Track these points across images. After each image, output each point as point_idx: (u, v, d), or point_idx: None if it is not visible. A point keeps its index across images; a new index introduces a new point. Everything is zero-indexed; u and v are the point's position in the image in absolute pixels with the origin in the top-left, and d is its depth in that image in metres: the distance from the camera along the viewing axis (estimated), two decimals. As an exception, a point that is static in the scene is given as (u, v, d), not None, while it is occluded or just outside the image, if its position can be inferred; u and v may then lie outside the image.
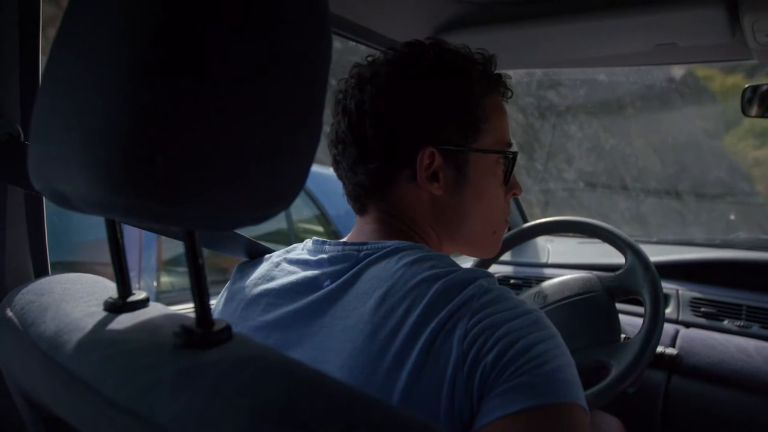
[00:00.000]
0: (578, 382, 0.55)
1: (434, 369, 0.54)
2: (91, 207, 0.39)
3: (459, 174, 0.72)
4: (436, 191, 0.71)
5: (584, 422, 0.52)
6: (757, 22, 0.92)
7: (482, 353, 0.54)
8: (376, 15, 1.11)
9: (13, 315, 0.53)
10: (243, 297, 0.72)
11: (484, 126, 0.73)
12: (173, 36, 0.34)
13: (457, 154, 0.71)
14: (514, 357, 0.53)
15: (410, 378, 0.55)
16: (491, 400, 0.52)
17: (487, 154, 0.74)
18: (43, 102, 0.42)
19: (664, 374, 1.26)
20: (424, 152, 0.69)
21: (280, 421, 0.33)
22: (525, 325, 0.55)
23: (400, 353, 0.56)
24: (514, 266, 1.72)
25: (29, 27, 0.72)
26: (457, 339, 0.55)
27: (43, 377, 0.48)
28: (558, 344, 0.56)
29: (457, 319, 0.56)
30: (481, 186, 0.74)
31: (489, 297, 0.57)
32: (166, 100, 0.34)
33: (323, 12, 0.39)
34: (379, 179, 0.72)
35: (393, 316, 0.58)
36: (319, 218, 2.79)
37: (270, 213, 0.40)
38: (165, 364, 0.39)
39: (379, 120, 0.70)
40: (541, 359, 0.53)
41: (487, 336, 0.54)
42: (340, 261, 0.67)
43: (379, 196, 0.73)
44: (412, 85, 0.70)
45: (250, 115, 0.36)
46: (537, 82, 3.20)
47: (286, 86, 0.37)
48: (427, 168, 0.70)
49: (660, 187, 3.80)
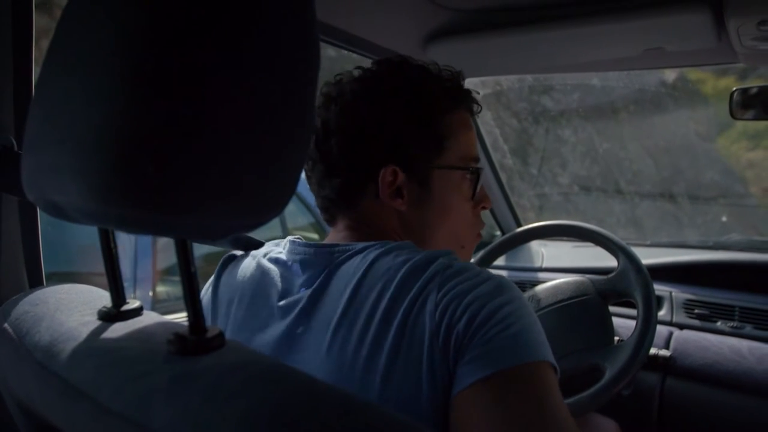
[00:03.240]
0: (544, 340, 0.57)
1: (411, 346, 0.57)
2: (84, 217, 0.40)
3: (423, 190, 0.73)
4: (400, 207, 0.73)
5: (551, 377, 0.55)
6: (741, 26, 0.93)
7: (454, 321, 0.56)
8: (365, 23, 1.12)
9: (8, 325, 0.54)
10: (228, 294, 0.74)
11: (447, 143, 0.74)
12: (164, 48, 0.34)
13: (421, 171, 0.73)
14: (482, 322, 0.56)
15: (389, 358, 0.57)
16: (464, 366, 0.55)
17: (452, 170, 0.75)
18: (36, 113, 0.42)
19: (659, 376, 1.26)
20: (386, 170, 0.71)
21: (270, 425, 0.33)
22: (489, 290, 0.58)
23: (376, 338, 0.58)
24: (508, 270, 1.72)
25: (22, 38, 0.73)
26: (429, 313, 0.57)
27: (38, 386, 0.48)
28: (521, 305, 0.59)
29: (426, 294, 0.58)
30: (446, 201, 0.75)
31: (453, 270, 0.60)
32: (158, 111, 0.34)
33: (312, 24, 0.40)
34: (345, 194, 0.74)
35: (366, 305, 0.60)
36: (314, 225, 2.79)
37: (262, 221, 0.40)
38: (159, 372, 0.40)
39: (343, 138, 0.72)
40: (506, 322, 0.56)
41: (456, 304, 0.57)
42: (314, 265, 0.69)
43: (346, 207, 0.75)
44: (374, 104, 0.72)
45: (241, 125, 0.36)
46: (530, 87, 3.22)
47: (277, 95, 0.37)
48: (390, 185, 0.72)
49: (654, 190, 3.80)
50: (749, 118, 1.23)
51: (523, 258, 1.77)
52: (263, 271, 0.73)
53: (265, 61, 0.37)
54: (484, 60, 1.31)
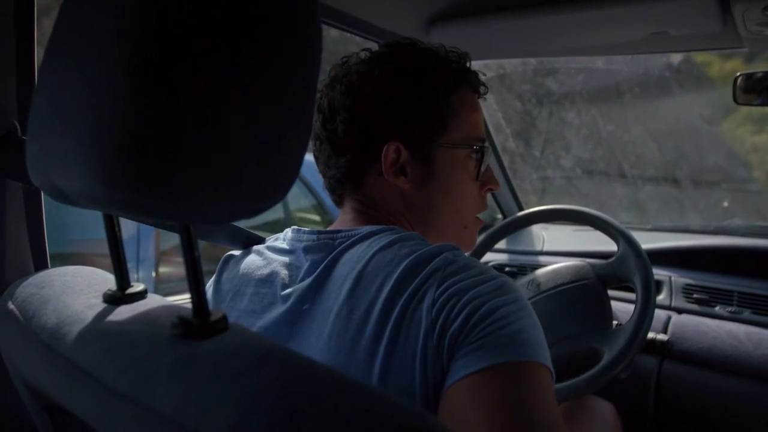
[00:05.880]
0: (542, 342, 0.56)
1: (407, 340, 0.57)
2: (88, 202, 0.40)
3: (426, 168, 0.74)
4: (403, 185, 0.73)
5: (546, 380, 0.54)
6: (747, 11, 0.92)
7: (450, 319, 0.56)
8: (370, 6, 1.12)
9: (15, 307, 0.55)
10: (230, 287, 0.74)
11: (452, 121, 0.74)
12: (166, 33, 0.35)
13: (424, 149, 0.73)
14: (479, 320, 0.55)
15: (387, 351, 0.57)
16: (457, 361, 0.54)
17: (456, 149, 0.75)
18: (39, 99, 0.42)
19: (656, 360, 1.27)
20: (389, 147, 0.71)
21: (273, 407, 0.34)
22: (491, 290, 0.57)
23: (376, 329, 0.58)
24: (510, 254, 1.73)
25: (24, 21, 0.72)
26: (426, 308, 0.57)
27: (45, 368, 0.49)
28: (522, 307, 0.57)
29: (425, 290, 0.58)
30: (449, 180, 0.75)
31: (455, 266, 0.60)
32: (161, 96, 0.34)
33: (314, 10, 0.40)
34: (350, 172, 0.74)
35: (367, 296, 0.60)
36: (315, 207, 2.80)
37: (264, 206, 0.41)
38: (163, 354, 0.41)
39: (348, 117, 0.72)
40: (505, 321, 0.55)
41: (454, 302, 0.56)
42: (316, 250, 0.69)
43: (351, 188, 0.75)
44: (378, 82, 0.72)
45: (244, 110, 0.37)
46: (534, 69, 3.19)
47: (279, 82, 0.38)
48: (393, 162, 0.72)
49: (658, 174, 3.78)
50: (753, 103, 1.22)
51: (524, 241, 1.77)
52: (267, 261, 0.73)
53: (267, 48, 0.37)
54: (488, 43, 1.30)
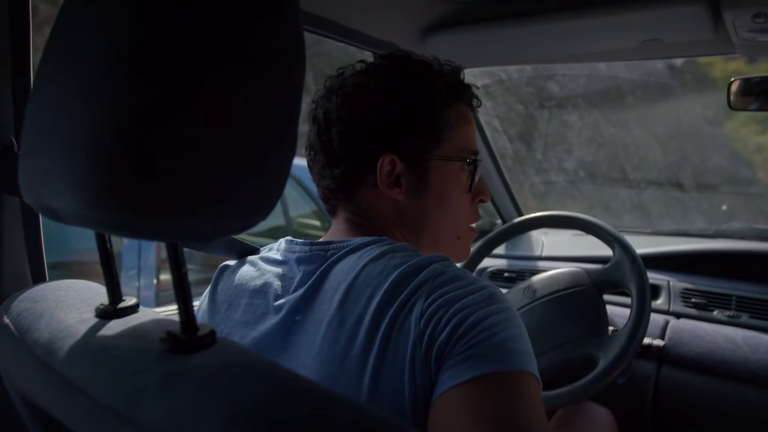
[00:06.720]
0: (530, 352, 0.57)
1: (396, 351, 0.57)
2: (78, 221, 0.41)
3: (420, 180, 0.75)
4: (398, 196, 0.74)
5: (534, 389, 0.54)
6: (738, 18, 0.93)
7: (438, 330, 0.56)
8: (364, 16, 1.12)
9: (10, 322, 0.56)
10: (225, 298, 0.75)
11: (447, 134, 0.75)
12: (154, 56, 0.35)
13: (419, 161, 0.74)
14: (466, 330, 0.55)
15: (377, 362, 0.57)
16: (445, 372, 0.54)
17: (450, 161, 0.76)
18: (31, 118, 0.43)
19: (654, 365, 1.27)
20: (385, 159, 0.72)
21: (256, 422, 0.35)
22: (478, 300, 0.57)
23: (366, 340, 0.58)
24: (509, 259, 1.73)
25: (21, 35, 0.73)
26: (414, 319, 0.57)
27: (39, 381, 0.50)
28: (509, 317, 0.58)
29: (414, 301, 0.58)
30: (443, 192, 0.76)
31: (444, 278, 0.60)
32: (146, 119, 0.35)
33: (298, 34, 0.41)
34: (344, 183, 0.75)
35: (357, 307, 0.60)
36: (316, 213, 2.81)
37: (250, 223, 0.41)
38: (151, 369, 0.42)
39: (344, 128, 0.73)
40: (491, 331, 0.55)
41: (442, 313, 0.57)
42: (308, 261, 0.70)
43: (345, 198, 0.76)
44: (375, 95, 0.73)
45: (229, 131, 0.37)
46: (535, 72, 3.19)
47: (263, 100, 0.38)
48: (388, 174, 0.73)
49: (661, 176, 3.77)
50: (750, 108, 1.21)
51: (524, 246, 1.78)
52: (261, 272, 0.74)
53: (252, 69, 0.38)
54: (482, 51, 1.31)
